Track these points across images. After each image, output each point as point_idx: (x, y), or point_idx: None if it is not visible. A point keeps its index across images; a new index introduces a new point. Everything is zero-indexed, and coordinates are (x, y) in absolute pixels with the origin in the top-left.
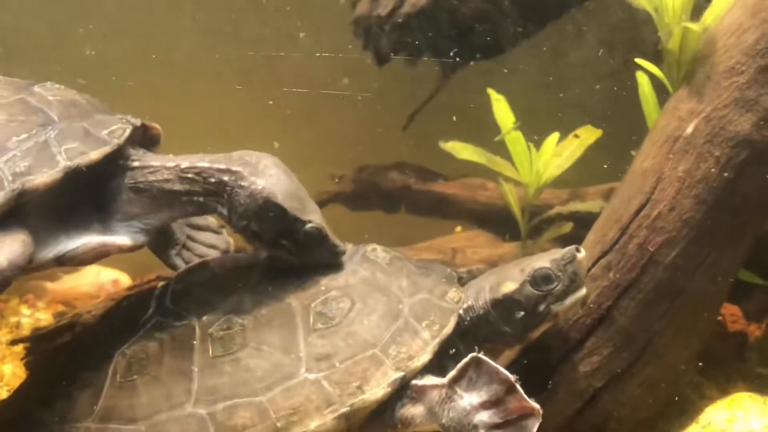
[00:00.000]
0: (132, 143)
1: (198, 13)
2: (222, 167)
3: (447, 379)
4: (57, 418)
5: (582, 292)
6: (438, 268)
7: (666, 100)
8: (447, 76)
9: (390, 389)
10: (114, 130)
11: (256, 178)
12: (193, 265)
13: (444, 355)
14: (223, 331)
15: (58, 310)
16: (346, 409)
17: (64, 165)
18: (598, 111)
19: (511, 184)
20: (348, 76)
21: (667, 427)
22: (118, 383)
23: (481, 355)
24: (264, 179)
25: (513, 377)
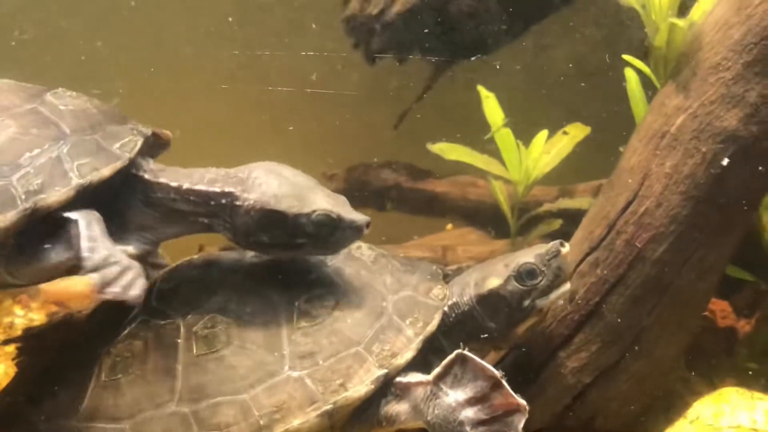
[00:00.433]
0: (142, 153)
1: (187, 13)
2: (217, 190)
3: (432, 376)
4: (43, 417)
5: (567, 287)
6: (423, 265)
7: (653, 96)
8: (439, 74)
9: (373, 387)
10: (125, 143)
11: (248, 194)
12: (178, 263)
13: (429, 352)
14: (207, 329)
15: (52, 310)
16: (329, 407)
17: (76, 183)
18: (586, 108)
19: (501, 181)
20: (339, 74)
21: (654, 421)
22: (102, 382)
23: (466, 352)
24: (254, 192)
25: (499, 373)
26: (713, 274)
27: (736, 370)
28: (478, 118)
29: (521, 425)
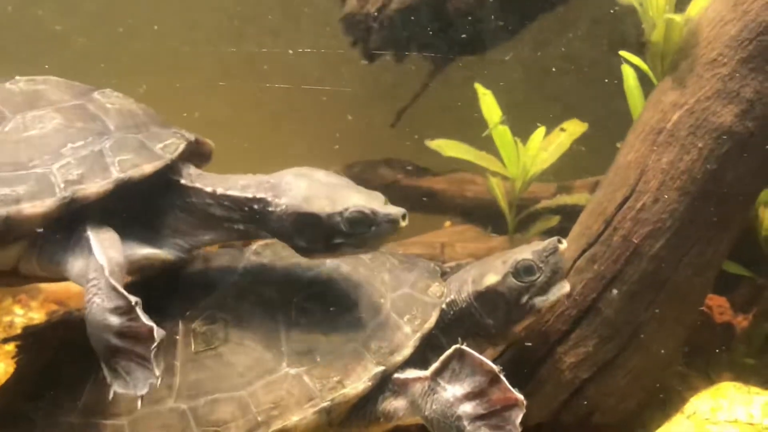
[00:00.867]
0: (183, 158)
1: (184, 10)
2: (249, 195)
3: (430, 371)
4: (41, 413)
5: (566, 289)
6: (421, 262)
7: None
8: (437, 71)
9: (371, 383)
10: (168, 145)
11: (279, 199)
12: None
13: (427, 349)
14: (205, 326)
15: (52, 309)
16: (326, 404)
17: (116, 177)
18: (584, 104)
19: (499, 178)
20: (337, 72)
21: (652, 417)
22: (100, 378)
23: (464, 347)
24: (285, 197)
25: (497, 368)
26: (710, 269)
27: (734, 365)
28: (476, 115)
29: (519, 420)
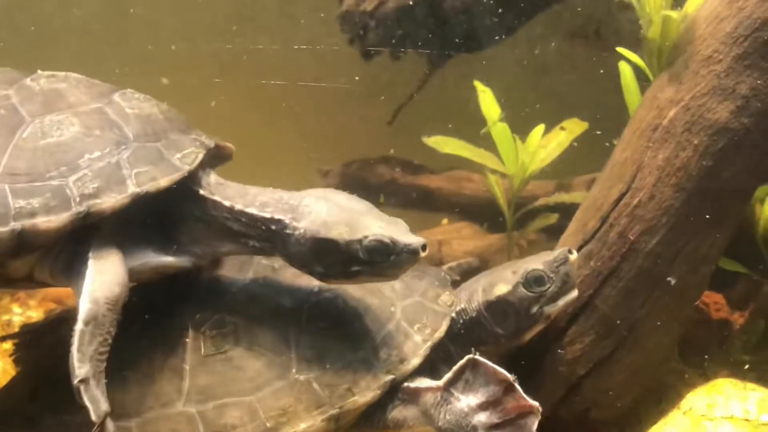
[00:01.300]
0: (203, 166)
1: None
2: (267, 216)
3: (443, 381)
4: (45, 413)
5: (574, 294)
6: (431, 271)
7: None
8: (434, 69)
9: (380, 392)
10: (187, 154)
11: (297, 223)
12: None
13: (436, 358)
14: (215, 330)
15: (50, 308)
16: (335, 411)
17: (132, 191)
18: (582, 102)
19: (497, 176)
20: (334, 69)
21: (648, 413)
22: (109, 379)
23: (477, 357)
24: (304, 221)
25: (511, 377)
26: (706, 266)
27: (730, 362)
28: (474, 112)
29: (534, 427)
